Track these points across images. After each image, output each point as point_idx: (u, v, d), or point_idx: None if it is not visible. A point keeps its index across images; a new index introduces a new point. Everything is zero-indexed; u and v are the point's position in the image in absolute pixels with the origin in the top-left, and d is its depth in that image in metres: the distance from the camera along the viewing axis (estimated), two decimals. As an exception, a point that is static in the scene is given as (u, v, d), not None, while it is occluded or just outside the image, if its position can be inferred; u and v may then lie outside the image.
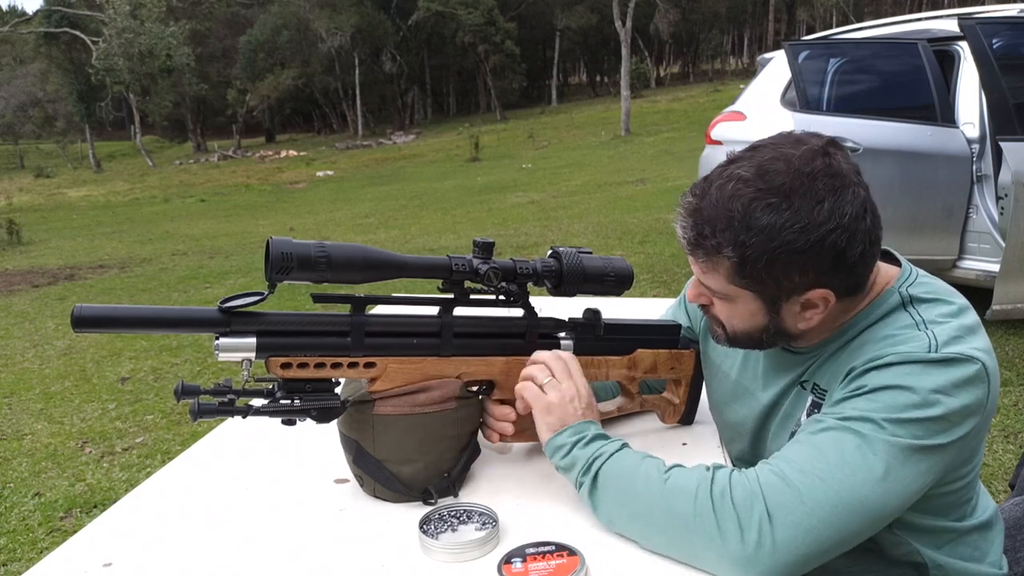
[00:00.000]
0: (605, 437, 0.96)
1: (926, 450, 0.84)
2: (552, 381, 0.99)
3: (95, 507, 2.87)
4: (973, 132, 4.09)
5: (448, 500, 1.01)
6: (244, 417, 0.89)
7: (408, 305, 1.01)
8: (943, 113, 4.13)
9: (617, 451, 0.93)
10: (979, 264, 4.06)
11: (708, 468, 0.89)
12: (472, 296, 0.99)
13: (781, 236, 0.85)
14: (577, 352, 1.09)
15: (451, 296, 0.99)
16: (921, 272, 0.99)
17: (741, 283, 0.90)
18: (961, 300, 0.94)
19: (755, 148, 0.91)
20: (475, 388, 1.06)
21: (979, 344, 0.87)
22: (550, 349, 1.07)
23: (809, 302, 0.91)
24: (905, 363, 0.85)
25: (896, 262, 1.00)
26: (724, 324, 0.98)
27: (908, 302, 0.93)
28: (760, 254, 0.86)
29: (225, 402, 0.87)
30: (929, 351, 0.85)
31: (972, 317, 0.91)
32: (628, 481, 0.90)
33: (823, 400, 0.96)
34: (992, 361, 0.87)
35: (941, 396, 0.83)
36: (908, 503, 0.86)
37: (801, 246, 0.85)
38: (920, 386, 0.83)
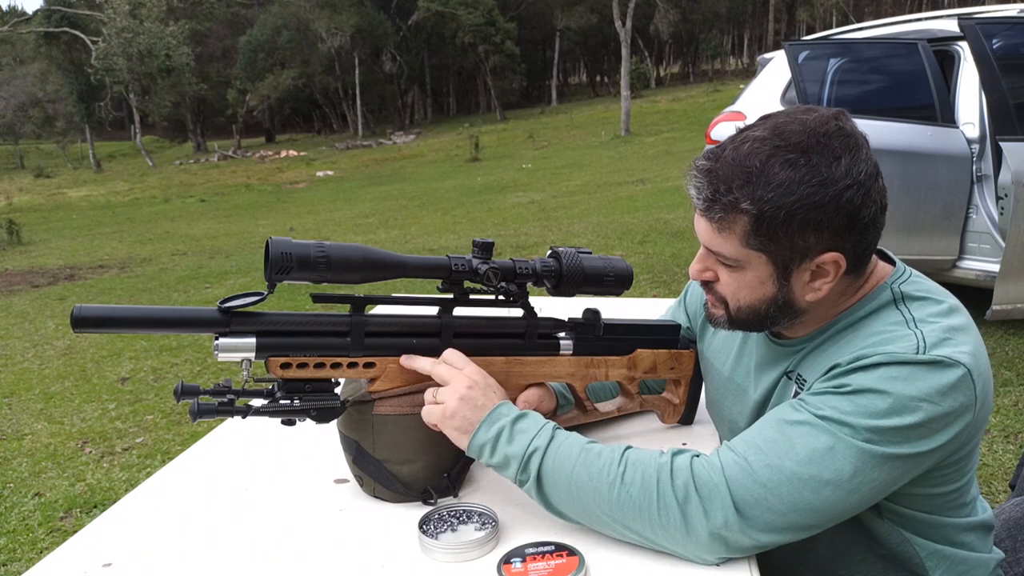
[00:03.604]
0: (523, 417, 0.93)
1: (901, 458, 0.83)
2: (442, 390, 0.95)
3: (95, 507, 2.87)
4: (973, 132, 4.10)
5: (448, 500, 1.01)
6: (244, 417, 0.89)
7: (408, 305, 1.01)
8: (943, 113, 4.13)
9: (550, 443, 0.90)
10: (979, 264, 4.06)
11: (663, 453, 0.88)
12: (472, 296, 0.99)
13: (800, 190, 0.84)
14: (577, 352, 1.09)
15: (451, 296, 0.99)
16: (915, 272, 0.98)
17: (756, 243, 0.88)
18: (952, 300, 0.93)
19: (767, 116, 0.92)
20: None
21: (966, 347, 0.85)
22: (547, 349, 1.07)
23: (820, 269, 0.90)
24: (891, 364, 0.84)
25: (891, 262, 1.00)
26: (728, 300, 0.96)
27: (900, 299, 0.93)
28: (778, 208, 0.85)
29: (225, 402, 0.88)
30: (917, 352, 0.84)
31: (961, 318, 0.90)
32: (576, 480, 0.88)
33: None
34: (980, 363, 0.86)
35: (923, 403, 0.82)
36: (875, 502, 0.87)
37: (819, 201, 0.85)
38: (902, 392, 0.82)
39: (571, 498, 0.89)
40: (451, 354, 0.97)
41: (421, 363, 0.96)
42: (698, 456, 0.87)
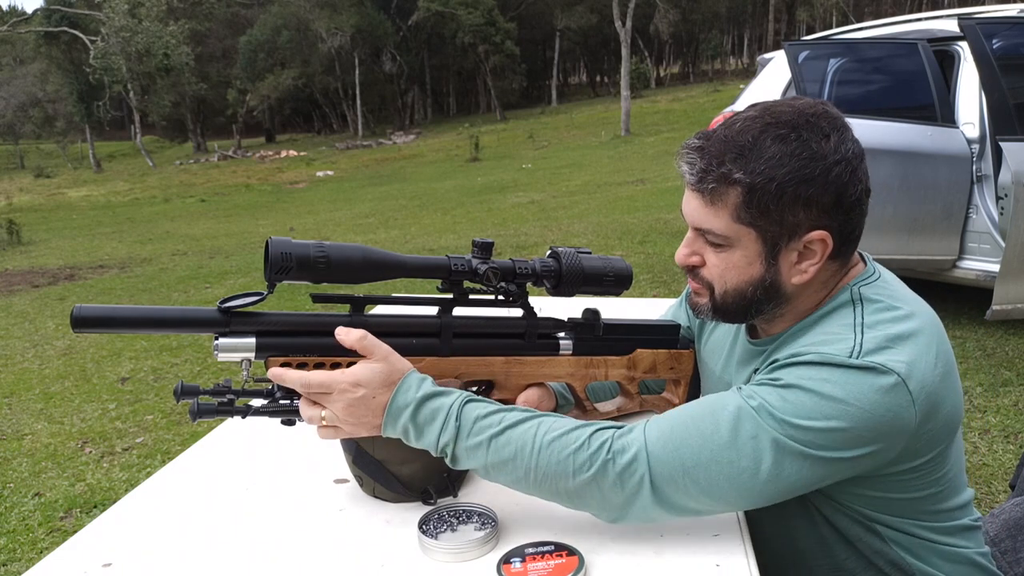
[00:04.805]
0: (423, 406, 0.88)
1: (821, 460, 0.83)
2: (328, 414, 0.89)
3: (95, 507, 2.87)
4: (973, 132, 4.10)
5: (447, 500, 1.01)
6: (243, 417, 0.89)
7: (407, 305, 1.01)
8: (943, 113, 4.13)
9: (457, 437, 0.87)
10: (979, 264, 4.06)
11: (584, 428, 0.88)
12: (471, 296, 0.99)
13: (791, 163, 0.86)
14: (577, 352, 1.09)
15: (450, 296, 0.98)
16: (885, 275, 0.98)
17: (747, 217, 0.89)
18: (911, 306, 0.92)
19: (756, 103, 0.94)
20: (475, 388, 1.06)
21: (904, 356, 0.84)
22: (547, 349, 1.07)
23: (807, 249, 0.91)
24: (822, 364, 0.84)
25: (866, 264, 1.00)
26: (714, 284, 0.96)
27: (857, 300, 0.93)
28: (770, 180, 0.86)
29: (224, 402, 0.88)
30: (850, 356, 0.84)
31: (912, 324, 0.88)
32: (491, 466, 0.88)
33: None
34: (919, 373, 0.84)
35: (851, 408, 0.82)
36: (798, 495, 0.88)
37: (809, 174, 0.86)
38: (829, 394, 0.82)
39: (489, 477, 0.90)
40: (311, 374, 0.89)
41: (291, 376, 0.88)
42: (620, 429, 0.88)
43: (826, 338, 0.88)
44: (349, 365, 0.93)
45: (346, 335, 0.89)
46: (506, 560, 0.86)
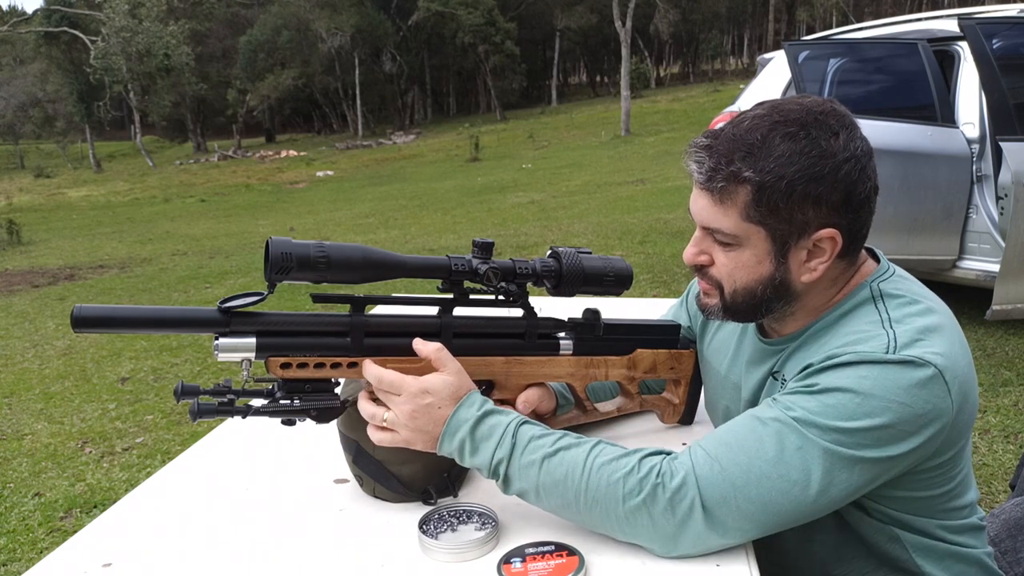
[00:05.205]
0: (482, 422, 0.90)
1: (870, 461, 0.83)
2: (390, 415, 0.92)
3: (95, 507, 2.87)
4: (973, 132, 4.10)
5: (448, 500, 1.01)
6: (244, 417, 0.89)
7: (407, 305, 1.01)
8: (943, 113, 4.13)
9: (512, 453, 0.89)
10: (979, 264, 4.06)
11: (631, 454, 0.87)
12: (471, 296, 0.99)
13: (800, 161, 0.86)
14: (577, 352, 1.09)
15: (450, 296, 0.98)
16: (899, 271, 0.98)
17: (756, 216, 0.89)
18: (931, 300, 0.93)
19: (763, 101, 0.93)
20: (474, 388, 1.06)
21: (938, 347, 0.84)
22: (547, 349, 1.07)
23: (816, 247, 0.90)
24: (861, 363, 0.84)
25: (877, 260, 1.00)
26: (724, 284, 0.95)
27: (878, 297, 0.93)
28: (779, 179, 0.86)
29: (225, 402, 0.88)
30: (887, 352, 0.84)
31: (937, 318, 0.89)
32: (543, 487, 0.88)
33: None
34: (954, 365, 0.84)
35: (893, 403, 0.82)
36: (847, 502, 0.87)
37: (818, 172, 0.86)
38: (871, 392, 0.82)
39: (540, 501, 0.90)
40: (383, 371, 0.92)
41: (370, 369, 0.92)
42: (668, 455, 0.87)
43: (857, 337, 0.88)
44: (350, 366, 0.93)
45: (423, 346, 0.92)
46: (506, 560, 0.86)
